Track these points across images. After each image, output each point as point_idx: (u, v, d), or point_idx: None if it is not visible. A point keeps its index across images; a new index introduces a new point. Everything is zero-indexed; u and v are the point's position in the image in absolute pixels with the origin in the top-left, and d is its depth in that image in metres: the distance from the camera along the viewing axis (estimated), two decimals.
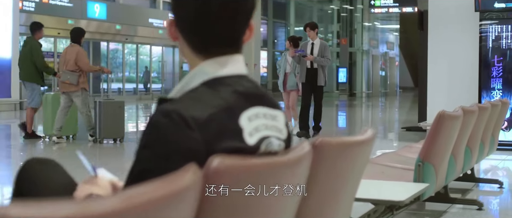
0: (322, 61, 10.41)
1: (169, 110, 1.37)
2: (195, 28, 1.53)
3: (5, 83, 18.40)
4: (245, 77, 1.54)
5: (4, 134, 14.48)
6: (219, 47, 1.53)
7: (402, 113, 20.19)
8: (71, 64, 9.44)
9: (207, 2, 1.49)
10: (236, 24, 1.53)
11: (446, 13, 9.77)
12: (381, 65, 37.11)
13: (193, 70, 1.53)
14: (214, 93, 1.45)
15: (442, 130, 3.62)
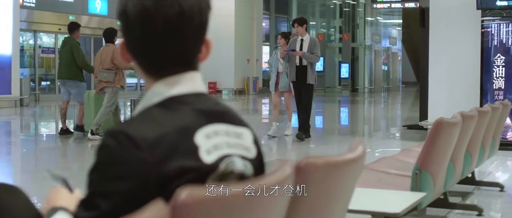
0: (311, 58, 9.91)
1: (117, 131, 1.35)
2: (142, 49, 1.46)
3: (6, 80, 18.33)
4: (203, 95, 1.48)
5: (4, 130, 14.45)
6: (171, 68, 1.45)
7: (404, 109, 20.08)
8: (107, 62, 9.80)
9: (152, 22, 1.41)
10: (186, 43, 1.45)
11: (448, 10, 9.66)
12: (384, 60, 36.97)
13: (148, 92, 1.48)
14: (167, 112, 1.40)
15: (440, 137, 3.52)
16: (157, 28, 1.41)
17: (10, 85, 18.43)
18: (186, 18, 1.42)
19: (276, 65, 10.45)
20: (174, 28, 1.42)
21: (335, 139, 11.20)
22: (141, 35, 1.44)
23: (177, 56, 1.45)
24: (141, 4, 1.42)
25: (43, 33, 23.41)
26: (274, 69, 10.49)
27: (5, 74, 18.30)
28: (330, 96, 28.94)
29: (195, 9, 1.43)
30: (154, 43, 1.43)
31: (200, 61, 1.51)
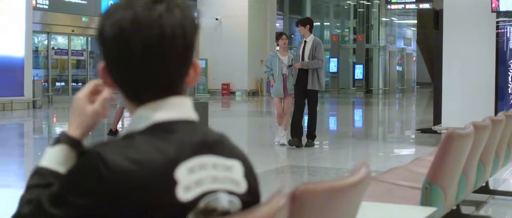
0: (312, 64, 9.19)
1: (95, 150, 1.27)
2: (121, 73, 1.35)
3: (18, 82, 18.36)
4: (193, 123, 1.37)
5: (17, 132, 14.48)
6: (152, 93, 1.34)
7: (419, 112, 19.89)
8: None
9: (130, 44, 1.30)
10: (170, 66, 1.33)
11: (462, 12, 9.50)
12: (398, 61, 36.73)
13: (133, 116, 1.37)
14: (151, 141, 1.29)
15: (451, 150, 3.39)
16: (136, 51, 1.30)
17: (22, 87, 18.44)
18: (167, 40, 1.31)
19: (279, 67, 9.67)
20: (154, 51, 1.31)
21: (349, 142, 11.05)
22: (119, 58, 1.33)
23: (158, 80, 1.34)
24: (118, 25, 1.31)
25: (56, 35, 23.44)
26: (278, 72, 9.68)
27: (17, 76, 18.31)
28: (344, 97, 28.78)
29: (178, 30, 1.32)
30: (133, 67, 1.32)
31: (189, 85, 1.40)
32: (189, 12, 1.36)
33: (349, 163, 8.28)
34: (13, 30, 18.09)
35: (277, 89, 9.70)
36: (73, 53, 23.66)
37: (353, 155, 9.31)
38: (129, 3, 1.34)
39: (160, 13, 1.32)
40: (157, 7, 1.32)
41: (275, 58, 9.74)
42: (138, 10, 1.32)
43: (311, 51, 9.25)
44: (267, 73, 9.89)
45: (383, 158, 9.03)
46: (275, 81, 9.70)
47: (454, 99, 9.50)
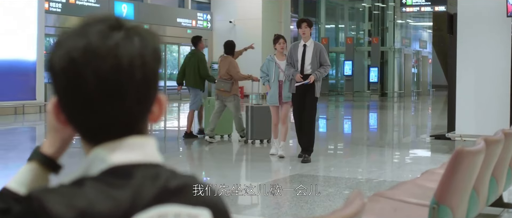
0: (323, 73, 8.39)
1: (36, 196, 1.10)
2: (73, 110, 1.18)
3: (30, 86, 18.32)
4: (156, 166, 1.18)
5: (29, 136, 14.48)
6: (108, 132, 1.17)
7: (434, 116, 19.65)
8: (223, 73, 10.69)
9: (82, 76, 1.13)
10: (128, 102, 1.15)
11: (476, 17, 9.29)
12: (414, 64, 36.41)
13: (87, 158, 1.19)
14: (103, 188, 1.12)
15: (460, 169, 3.21)
16: (88, 85, 1.13)
17: (34, 91, 18.41)
18: (124, 73, 1.13)
19: (276, 73, 8.97)
20: (110, 86, 1.13)
21: (361, 149, 10.85)
22: (70, 93, 1.16)
23: (115, 119, 1.16)
24: (68, 56, 1.13)
25: None
26: (274, 78, 8.99)
27: (29, 80, 18.28)
28: (358, 101, 28.54)
29: (136, 62, 1.14)
30: (86, 103, 1.15)
31: (152, 122, 1.23)
32: (151, 40, 1.18)
33: (360, 172, 8.09)
34: (25, 34, 18.06)
35: (272, 96, 9.01)
36: None
37: (365, 163, 9.11)
38: (82, 31, 1.16)
39: (117, 41, 1.14)
40: (114, 35, 1.15)
41: (271, 63, 9.07)
42: (92, 38, 1.14)
43: (314, 57, 8.37)
44: (262, 79, 9.21)
45: (395, 167, 8.83)
46: (271, 88, 9.04)
47: (468, 105, 9.29)
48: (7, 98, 17.70)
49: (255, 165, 8.99)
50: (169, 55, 28.41)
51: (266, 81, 9.10)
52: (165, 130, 15.18)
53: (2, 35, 17.51)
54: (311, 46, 8.44)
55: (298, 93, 8.37)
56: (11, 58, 17.77)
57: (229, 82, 10.56)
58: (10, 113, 17.67)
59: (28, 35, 18.17)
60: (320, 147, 10.94)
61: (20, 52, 17.99)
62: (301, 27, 8.54)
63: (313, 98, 8.42)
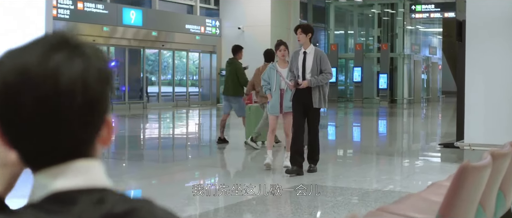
0: (320, 80, 7.95)
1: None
2: (14, 134, 1.08)
3: None
4: (102, 190, 1.09)
5: None
6: (50, 157, 1.08)
7: (443, 123, 19.48)
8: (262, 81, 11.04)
9: (20, 100, 1.04)
10: (70, 127, 1.06)
11: (485, 24, 9.15)
12: (423, 70, 36.21)
13: (32, 186, 1.10)
14: (40, 215, 1.04)
15: (465, 185, 3.10)
16: (26, 109, 1.04)
17: None
18: (64, 98, 1.04)
19: (277, 81, 8.62)
20: (48, 110, 1.04)
21: (369, 158, 10.73)
22: (9, 117, 1.08)
23: (57, 144, 1.08)
24: (4, 79, 1.06)
25: None
26: (276, 87, 8.66)
27: None
28: (368, 107, 28.39)
29: (78, 85, 1.05)
30: (26, 128, 1.06)
31: (103, 145, 1.14)
32: (96, 60, 1.08)
33: (367, 182, 7.97)
34: None
35: (273, 106, 8.67)
36: None
37: (372, 172, 8.99)
38: (23, 51, 1.08)
39: (57, 63, 1.04)
40: (55, 56, 1.05)
41: (273, 71, 8.71)
42: (31, 60, 1.05)
43: (315, 64, 7.99)
44: (264, 87, 8.87)
45: (402, 177, 8.71)
46: (272, 97, 8.71)
47: (477, 114, 9.15)
48: None
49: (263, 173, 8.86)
50: (178, 61, 28.37)
51: (268, 90, 8.80)
52: (200, 136, 15.14)
53: (9, 42, 17.48)
54: (311, 53, 8.07)
55: (299, 103, 8.04)
56: None
57: None
58: None
59: None
60: (327, 155, 10.84)
61: None
62: (296, 33, 8.16)
63: (313, 110, 8.04)
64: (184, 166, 10.18)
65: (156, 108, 25.52)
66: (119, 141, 14.44)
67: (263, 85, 8.88)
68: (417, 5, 24.95)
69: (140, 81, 25.86)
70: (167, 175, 8.91)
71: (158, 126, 19.42)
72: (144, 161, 10.70)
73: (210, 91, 29.06)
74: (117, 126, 18.67)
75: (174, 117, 22.34)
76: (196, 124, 20.34)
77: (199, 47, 28.30)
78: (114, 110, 23.58)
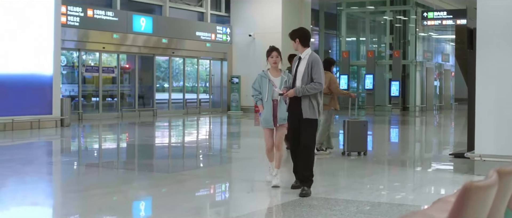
0: (307, 90, 7.21)
1: None
2: None
3: (47, 100, 18.23)
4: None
5: (46, 150, 14.39)
6: None
7: (456, 132, 19.21)
8: (324, 88, 10.97)
9: None
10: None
11: (497, 31, 8.91)
12: (435, 77, 35.88)
13: None
14: None
15: (469, 205, 2.90)
16: None
17: (51, 105, 18.31)
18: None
19: (269, 90, 7.77)
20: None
21: (377, 168, 10.51)
22: None
23: None
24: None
25: (87, 52, 23.38)
26: (268, 97, 7.79)
27: (46, 95, 18.20)
28: (380, 115, 28.15)
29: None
30: None
31: None
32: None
33: (373, 194, 7.75)
34: (41, 48, 17.99)
35: (266, 118, 7.81)
36: (103, 70, 23.53)
37: (379, 184, 8.77)
38: None
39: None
40: None
41: (264, 80, 7.79)
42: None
43: (306, 72, 7.26)
44: (255, 97, 7.93)
45: (409, 189, 8.49)
46: (264, 108, 7.81)
47: (488, 124, 8.92)
48: (23, 113, 17.62)
49: None
50: (189, 68, 28.27)
51: (259, 100, 7.85)
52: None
53: (18, 49, 17.44)
54: (305, 59, 7.33)
55: (292, 113, 7.41)
56: (27, 73, 17.71)
57: (328, 97, 11.22)
58: (26, 128, 17.59)
59: (45, 50, 18.09)
60: (336, 165, 10.65)
61: (36, 67, 17.92)
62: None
63: (304, 120, 7.29)
64: (193, 175, 10.02)
65: (166, 115, 25.41)
66: (130, 150, 14.33)
67: (254, 95, 7.94)
68: (429, 12, 24.69)
69: (151, 89, 25.76)
70: (175, 184, 8.76)
71: (168, 134, 19.29)
72: (153, 171, 10.54)
73: (220, 99, 28.93)
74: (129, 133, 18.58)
75: (185, 125, 22.20)
76: (206, 133, 20.19)
77: (210, 54, 28.20)
78: (124, 117, 23.51)
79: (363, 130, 11.49)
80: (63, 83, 22.98)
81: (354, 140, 11.39)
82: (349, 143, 11.38)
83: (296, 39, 7.39)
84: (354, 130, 11.38)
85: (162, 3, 26.09)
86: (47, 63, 18.16)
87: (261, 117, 7.88)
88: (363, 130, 11.48)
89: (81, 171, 10.78)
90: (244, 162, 11.61)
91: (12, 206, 7.22)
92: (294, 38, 7.40)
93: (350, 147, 11.40)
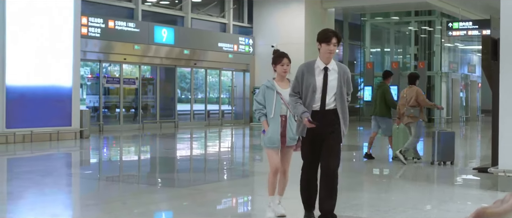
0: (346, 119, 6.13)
1: None
2: None
3: (66, 112, 18.18)
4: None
5: (65, 161, 14.35)
6: None
7: (482, 144, 18.75)
8: (412, 101, 12.06)
9: None
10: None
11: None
12: (461, 89, 35.33)
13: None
14: None
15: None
16: None
17: (70, 117, 18.24)
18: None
19: (278, 105, 6.48)
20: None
21: (396, 184, 10.20)
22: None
23: None
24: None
25: (108, 63, 23.33)
26: (275, 112, 6.48)
27: (65, 106, 18.13)
28: None
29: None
30: None
31: None
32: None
33: (390, 212, 7.42)
34: (61, 59, 17.94)
35: (271, 138, 6.46)
36: (124, 81, 23.46)
37: (397, 201, 8.41)
38: None
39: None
40: None
41: (270, 92, 6.50)
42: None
43: (339, 86, 6.10)
44: (257, 112, 6.59)
45: (429, 206, 8.15)
46: (269, 125, 6.48)
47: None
48: (43, 125, 17.56)
49: None
50: (211, 78, 28.13)
51: (263, 115, 6.54)
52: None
53: (38, 61, 17.41)
54: (334, 70, 6.05)
55: (313, 131, 6.03)
56: (47, 84, 17.66)
57: (417, 109, 11.99)
58: (45, 139, 17.53)
59: (64, 61, 18.04)
60: (354, 179, 10.34)
61: (56, 78, 17.87)
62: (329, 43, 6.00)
63: (337, 141, 6.05)
64: (213, 189, 9.79)
65: (188, 127, 25.25)
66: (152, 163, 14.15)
67: (256, 110, 6.62)
68: (454, 22, 24.27)
69: (173, 100, 25.64)
70: (195, 197, 8.55)
71: (189, 146, 19.10)
72: (174, 185, 10.34)
73: (243, 110, 28.72)
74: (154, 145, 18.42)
75: (206, 137, 21.98)
76: (229, 145, 19.95)
77: (232, 66, 28.02)
78: (145, 129, 23.39)
79: (451, 140, 12.16)
80: (87, 94, 22.97)
81: (443, 149, 12.01)
82: (438, 152, 12.02)
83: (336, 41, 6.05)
84: (444, 140, 12.05)
85: (184, 14, 25.99)
86: (66, 75, 18.09)
87: (266, 135, 6.49)
88: (451, 140, 12.16)
89: (100, 183, 10.68)
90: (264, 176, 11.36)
91: (31, 217, 7.23)
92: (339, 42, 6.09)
93: (439, 156, 12.02)
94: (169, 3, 25.55)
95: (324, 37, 6.04)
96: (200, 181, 11.08)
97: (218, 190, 9.48)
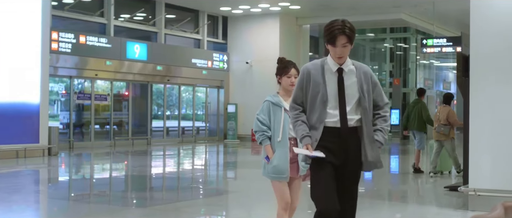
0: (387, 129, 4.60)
1: None
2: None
3: (34, 129, 17.81)
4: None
5: (33, 179, 14.07)
6: None
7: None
8: (444, 119, 12.78)
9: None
10: None
11: (490, 59, 8.40)
12: (437, 105, 35.43)
13: None
14: None
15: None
16: None
17: (38, 134, 17.87)
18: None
19: (286, 126, 5.24)
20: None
21: (364, 204, 9.99)
22: None
23: None
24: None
25: (79, 79, 22.99)
26: (283, 134, 5.24)
27: (33, 123, 17.77)
28: None
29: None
30: None
31: None
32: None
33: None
34: (28, 76, 17.60)
35: (279, 167, 5.23)
36: (96, 97, 23.13)
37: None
38: None
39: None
40: None
41: (277, 109, 5.29)
42: None
43: (359, 92, 4.43)
44: (260, 135, 5.29)
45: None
46: (275, 151, 5.24)
47: (483, 156, 8.39)
48: (9, 142, 17.18)
49: None
50: (185, 94, 27.87)
51: (266, 139, 5.29)
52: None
53: (5, 77, 17.05)
54: (351, 73, 4.48)
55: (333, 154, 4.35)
56: (15, 101, 17.30)
57: (448, 128, 12.71)
58: (11, 157, 17.15)
59: (32, 78, 17.69)
60: None
61: (23, 95, 17.51)
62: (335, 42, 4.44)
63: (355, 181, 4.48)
64: (185, 207, 9.51)
65: (161, 144, 24.93)
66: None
67: (257, 131, 5.30)
68: (429, 39, 24.32)
69: (146, 117, 25.32)
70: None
71: (161, 164, 18.80)
72: (146, 205, 10.05)
73: (217, 127, 28.47)
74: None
75: (179, 154, 21.69)
76: (202, 163, 19.66)
77: (206, 82, 27.79)
78: (116, 146, 23.07)
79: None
80: (61, 110, 22.62)
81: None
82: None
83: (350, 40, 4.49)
84: None
85: (157, 30, 25.75)
86: (34, 92, 17.74)
87: (270, 164, 5.27)
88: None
89: (70, 203, 10.40)
90: (240, 194, 11.10)
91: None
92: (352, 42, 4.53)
93: None
94: (142, 19, 25.29)
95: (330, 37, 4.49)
96: (173, 199, 10.83)
97: (192, 207, 9.31)
